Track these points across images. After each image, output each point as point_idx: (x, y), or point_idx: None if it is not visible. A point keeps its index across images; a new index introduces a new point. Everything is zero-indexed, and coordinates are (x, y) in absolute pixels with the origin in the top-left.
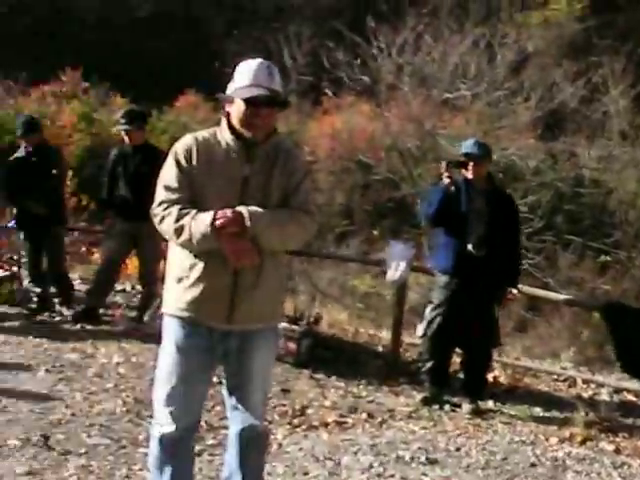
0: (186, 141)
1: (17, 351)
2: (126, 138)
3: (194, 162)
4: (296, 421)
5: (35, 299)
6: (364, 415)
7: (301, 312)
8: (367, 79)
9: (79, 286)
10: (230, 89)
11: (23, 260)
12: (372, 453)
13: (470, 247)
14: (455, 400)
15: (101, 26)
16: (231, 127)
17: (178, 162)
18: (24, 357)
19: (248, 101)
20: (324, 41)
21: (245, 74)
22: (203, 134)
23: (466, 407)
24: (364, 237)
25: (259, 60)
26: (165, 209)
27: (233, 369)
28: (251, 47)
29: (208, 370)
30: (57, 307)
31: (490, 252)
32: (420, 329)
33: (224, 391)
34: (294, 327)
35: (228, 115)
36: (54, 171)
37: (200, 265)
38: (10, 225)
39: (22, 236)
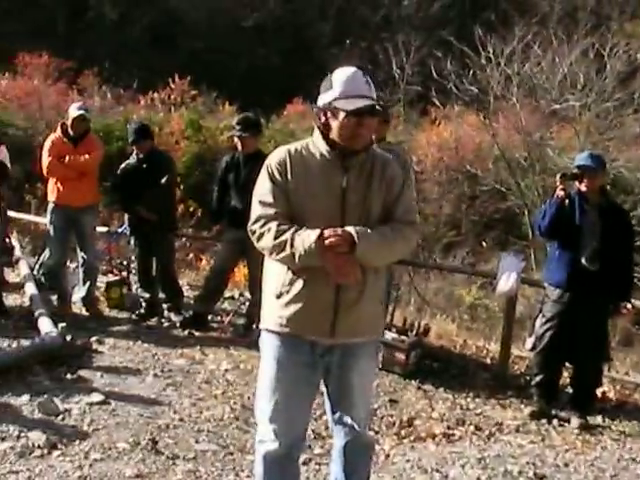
0: (279, 154)
1: (126, 356)
2: (239, 145)
3: (289, 176)
4: (403, 432)
5: (144, 304)
6: (472, 428)
7: (410, 323)
8: (475, 89)
9: (187, 292)
10: (326, 99)
11: (133, 265)
12: (480, 466)
13: (583, 261)
14: (563, 415)
15: (209, 35)
16: (325, 138)
17: (272, 176)
18: (133, 362)
19: (353, 112)
20: (432, 51)
21: (345, 84)
22: (296, 146)
23: (575, 422)
24: (470, 248)
25: (354, 68)
26: (263, 225)
27: (335, 383)
28: (359, 56)
29: (311, 385)
30: (166, 313)
31: (603, 266)
32: (529, 342)
33: (327, 405)
34: (403, 338)
35: (325, 126)
36: (164, 179)
37: (301, 280)
38: (120, 231)
39: (133, 242)
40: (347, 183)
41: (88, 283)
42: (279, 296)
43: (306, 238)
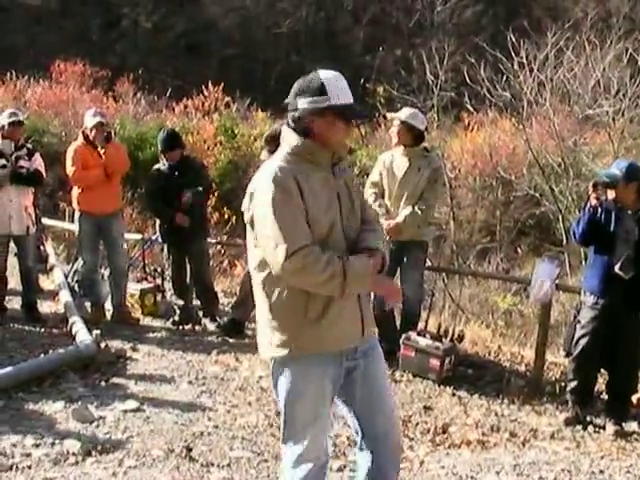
0: (284, 175)
1: (160, 363)
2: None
3: (303, 193)
4: (438, 439)
5: (178, 311)
6: (506, 434)
7: (445, 329)
8: (508, 95)
9: (222, 299)
10: (319, 103)
11: (167, 272)
12: (514, 473)
13: (617, 269)
14: (598, 421)
15: (243, 42)
16: (321, 144)
17: (289, 197)
18: (167, 369)
19: (348, 120)
20: (465, 57)
21: (340, 90)
22: (288, 159)
23: (610, 429)
24: (505, 254)
25: (338, 73)
26: (304, 258)
27: (362, 385)
28: (393, 62)
29: (334, 393)
30: (202, 320)
31: (638, 274)
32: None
33: (350, 414)
34: (437, 344)
35: (308, 130)
36: (199, 188)
37: (332, 297)
38: (154, 237)
39: (166, 249)
40: (339, 188)
41: (118, 290)
42: (316, 318)
43: (359, 269)
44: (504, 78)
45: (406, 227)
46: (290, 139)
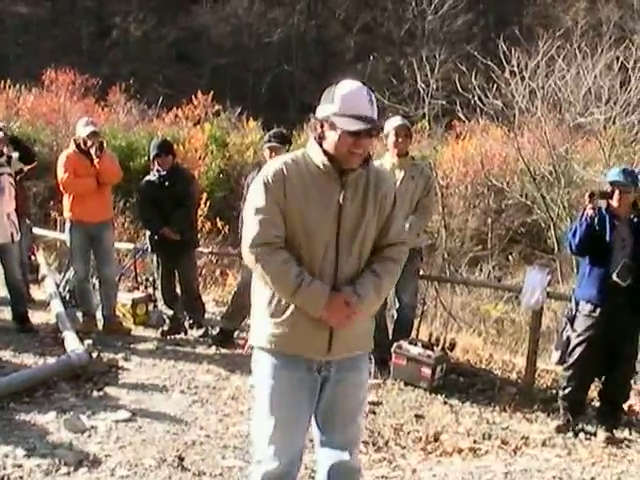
0: (275, 166)
1: (152, 372)
2: (269, 156)
3: (286, 189)
4: (430, 447)
5: (167, 321)
6: (498, 442)
7: (436, 337)
8: (499, 103)
9: (213, 308)
10: (326, 112)
11: (158, 282)
12: None
13: (614, 276)
14: (590, 428)
15: (234, 51)
16: (324, 150)
17: (270, 190)
18: (159, 378)
19: (351, 132)
20: (457, 65)
21: (347, 101)
22: (292, 157)
23: (601, 435)
24: (497, 262)
25: (360, 85)
26: (269, 254)
27: (327, 401)
28: (384, 71)
29: (309, 401)
30: (188, 330)
31: (635, 281)
32: (555, 356)
33: (314, 426)
34: (429, 352)
35: (320, 138)
36: (187, 199)
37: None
38: (146, 247)
39: (155, 259)
40: (344, 199)
41: (108, 301)
42: (272, 314)
43: (315, 298)
44: (495, 86)
45: (410, 236)
46: (308, 143)
